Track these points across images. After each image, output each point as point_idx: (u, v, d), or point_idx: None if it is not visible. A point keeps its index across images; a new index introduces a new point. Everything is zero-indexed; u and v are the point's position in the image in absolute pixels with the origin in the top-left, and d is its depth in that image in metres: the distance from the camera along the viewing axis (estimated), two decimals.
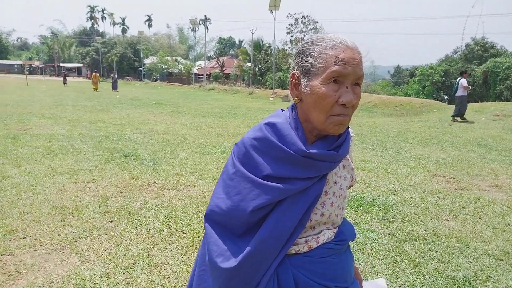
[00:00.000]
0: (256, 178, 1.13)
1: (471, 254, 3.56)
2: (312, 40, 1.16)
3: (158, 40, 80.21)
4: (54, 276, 3.02)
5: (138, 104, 18.73)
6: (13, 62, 76.10)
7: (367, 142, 9.33)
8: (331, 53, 1.09)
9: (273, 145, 1.14)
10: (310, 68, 1.12)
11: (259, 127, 1.20)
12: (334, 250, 1.24)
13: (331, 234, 1.24)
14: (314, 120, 1.13)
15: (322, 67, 1.09)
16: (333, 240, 1.24)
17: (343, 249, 1.28)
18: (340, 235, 1.27)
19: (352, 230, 1.36)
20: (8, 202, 4.53)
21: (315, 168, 1.13)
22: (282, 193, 1.11)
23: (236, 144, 1.23)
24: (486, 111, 14.56)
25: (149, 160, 6.82)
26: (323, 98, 1.08)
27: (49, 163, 6.37)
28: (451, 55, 39.45)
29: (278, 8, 31.03)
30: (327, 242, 1.22)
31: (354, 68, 1.08)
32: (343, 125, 1.11)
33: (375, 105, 19.24)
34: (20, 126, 10.24)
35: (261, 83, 38.66)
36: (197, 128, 11.06)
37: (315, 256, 1.20)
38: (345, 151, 1.19)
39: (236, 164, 1.17)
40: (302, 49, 1.16)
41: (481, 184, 5.88)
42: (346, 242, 1.29)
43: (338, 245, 1.25)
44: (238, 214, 1.13)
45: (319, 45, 1.12)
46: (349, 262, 1.32)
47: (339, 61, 1.07)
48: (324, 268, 1.21)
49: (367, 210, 4.63)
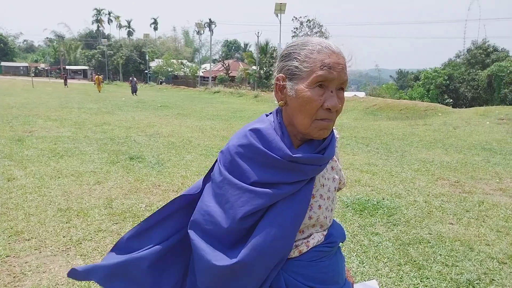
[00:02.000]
0: (244, 184, 1.12)
1: (475, 257, 3.55)
2: (297, 43, 1.16)
3: (164, 43, 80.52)
4: (59, 278, 3.04)
5: (143, 107, 18.80)
6: (19, 64, 76.56)
7: (372, 145, 9.32)
8: (316, 58, 1.09)
9: (259, 151, 1.13)
10: (296, 72, 1.12)
11: (244, 133, 1.19)
12: (325, 252, 1.24)
13: (320, 237, 1.24)
14: (298, 124, 1.13)
15: (308, 71, 1.10)
16: (323, 242, 1.24)
17: (333, 251, 1.29)
18: (330, 237, 1.27)
19: (342, 232, 1.37)
20: (14, 204, 4.56)
21: (302, 172, 1.13)
22: (271, 198, 1.10)
23: (222, 151, 1.22)
24: (490, 115, 14.50)
25: (154, 163, 6.85)
26: (308, 102, 1.09)
27: (55, 165, 6.42)
28: (454, 59, 39.33)
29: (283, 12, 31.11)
30: (317, 245, 1.22)
31: (339, 73, 1.09)
32: (327, 129, 1.12)
33: (380, 109, 19.20)
34: (26, 128, 10.31)
35: (266, 86, 38.66)
36: (202, 131, 11.09)
37: (306, 260, 1.20)
38: (331, 154, 1.19)
39: (223, 172, 1.16)
40: (287, 53, 1.17)
41: (485, 187, 5.87)
42: (336, 244, 1.29)
43: (328, 248, 1.25)
44: (228, 222, 1.11)
45: (304, 49, 1.12)
46: (340, 264, 1.32)
47: (325, 66, 1.08)
48: (315, 271, 1.21)
49: (371, 213, 4.63)
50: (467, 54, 36.41)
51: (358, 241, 3.88)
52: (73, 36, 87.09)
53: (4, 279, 2.98)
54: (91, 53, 69.29)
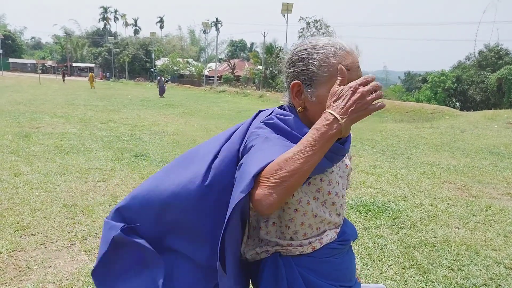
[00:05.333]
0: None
1: (481, 262, 3.52)
2: (308, 47, 1.15)
3: (170, 41, 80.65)
4: (64, 273, 3.05)
5: (148, 105, 18.85)
6: (26, 61, 76.95)
7: (378, 147, 9.29)
8: (334, 62, 1.10)
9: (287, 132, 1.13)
10: (313, 77, 1.12)
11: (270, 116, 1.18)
12: (337, 250, 1.25)
13: (333, 234, 1.25)
14: None
15: (327, 75, 1.10)
16: (336, 240, 1.25)
17: (345, 249, 1.30)
18: (343, 235, 1.28)
19: (354, 230, 1.38)
20: (20, 199, 4.58)
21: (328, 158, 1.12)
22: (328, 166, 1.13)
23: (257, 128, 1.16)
24: (499, 119, 14.42)
25: (159, 161, 6.86)
26: None
27: (61, 162, 6.44)
28: (464, 62, 39.06)
29: (290, 12, 31.10)
30: (330, 242, 1.23)
31: (356, 72, 1.11)
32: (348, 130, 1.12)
33: (386, 111, 19.15)
34: (33, 124, 10.37)
35: (271, 86, 38.69)
36: (207, 130, 11.10)
37: (319, 257, 1.22)
38: (348, 148, 1.20)
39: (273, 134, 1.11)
40: (299, 58, 1.16)
41: (492, 192, 5.82)
42: (348, 242, 1.30)
43: (340, 245, 1.26)
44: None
45: (318, 53, 1.12)
46: (352, 262, 1.34)
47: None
48: (328, 268, 1.22)
49: (376, 216, 4.61)
50: (478, 56, 36.13)
51: (362, 243, 3.86)
52: (81, 34, 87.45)
53: (10, 273, 3.00)
54: (97, 50, 69.53)
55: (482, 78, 32.43)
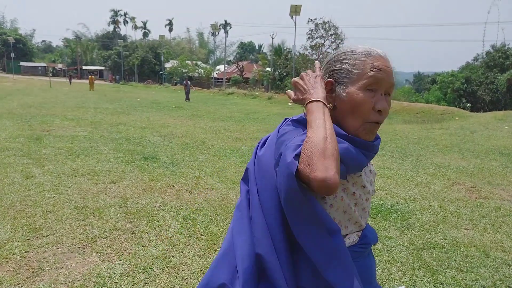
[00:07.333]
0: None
1: (491, 264, 3.51)
2: (345, 51, 1.21)
3: (179, 44, 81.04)
4: (76, 274, 3.10)
5: (158, 108, 18.97)
6: (37, 64, 77.71)
7: (387, 148, 9.26)
8: (366, 60, 1.15)
9: None
10: (346, 75, 1.17)
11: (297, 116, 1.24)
12: (359, 253, 1.26)
13: (355, 237, 1.26)
14: (349, 125, 1.17)
15: (359, 73, 1.15)
16: (358, 243, 1.26)
17: (366, 252, 1.31)
18: (364, 239, 1.29)
19: (374, 234, 1.39)
20: (32, 201, 4.65)
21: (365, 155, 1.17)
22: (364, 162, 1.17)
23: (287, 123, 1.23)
24: (509, 120, 14.29)
25: (169, 163, 6.92)
26: (361, 104, 1.14)
27: (71, 164, 6.52)
28: (472, 62, 38.74)
29: (299, 14, 31.08)
30: (352, 245, 1.24)
31: (388, 76, 1.15)
32: (373, 134, 1.18)
33: (396, 112, 19.06)
34: (44, 127, 10.49)
35: (280, 88, 38.67)
36: (216, 132, 11.15)
37: None
38: (377, 148, 1.24)
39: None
40: (335, 59, 1.22)
41: (502, 193, 5.78)
42: (369, 245, 1.31)
43: (362, 248, 1.27)
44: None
45: (353, 54, 1.18)
46: (373, 266, 1.35)
47: (375, 68, 1.13)
48: None
49: (385, 217, 4.61)
50: (486, 57, 35.82)
51: None
52: (91, 37, 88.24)
53: (23, 273, 3.05)
54: (107, 53, 70.05)
55: (492, 79, 32.12)
